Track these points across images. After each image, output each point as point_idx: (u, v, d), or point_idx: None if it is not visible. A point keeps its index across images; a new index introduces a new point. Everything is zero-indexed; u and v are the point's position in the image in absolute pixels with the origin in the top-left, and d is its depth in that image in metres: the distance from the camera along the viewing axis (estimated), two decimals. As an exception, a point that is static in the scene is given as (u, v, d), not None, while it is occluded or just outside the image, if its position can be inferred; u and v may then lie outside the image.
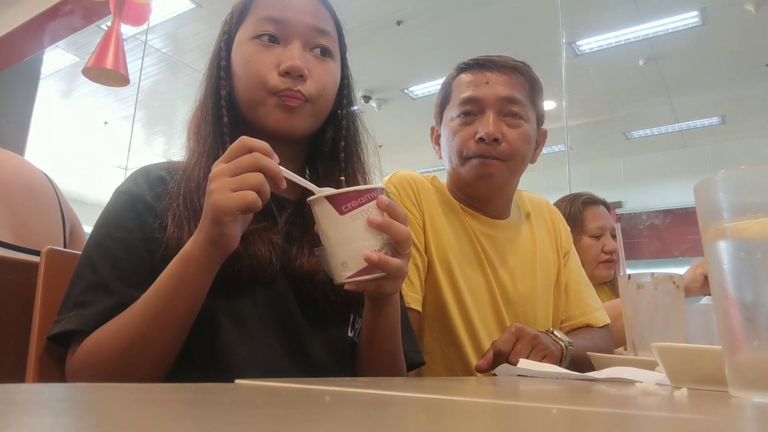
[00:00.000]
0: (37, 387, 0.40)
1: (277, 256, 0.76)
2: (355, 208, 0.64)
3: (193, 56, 5.69)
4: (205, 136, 0.80)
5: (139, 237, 0.73)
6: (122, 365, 0.67)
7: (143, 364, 0.67)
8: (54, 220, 0.98)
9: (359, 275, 0.65)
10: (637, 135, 7.21)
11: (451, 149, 1.17)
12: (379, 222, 0.65)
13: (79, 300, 0.70)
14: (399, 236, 0.66)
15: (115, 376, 0.67)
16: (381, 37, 5.10)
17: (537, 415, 0.34)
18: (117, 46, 3.02)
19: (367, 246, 0.64)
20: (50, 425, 0.21)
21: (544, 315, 1.23)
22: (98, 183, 8.71)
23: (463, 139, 1.14)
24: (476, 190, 1.18)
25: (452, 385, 0.61)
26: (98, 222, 0.77)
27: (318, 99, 0.81)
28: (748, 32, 4.87)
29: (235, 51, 0.83)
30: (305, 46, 0.81)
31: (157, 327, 0.66)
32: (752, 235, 0.43)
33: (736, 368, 0.44)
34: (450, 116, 1.19)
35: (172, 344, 0.68)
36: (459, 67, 1.22)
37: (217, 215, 0.62)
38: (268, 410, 0.31)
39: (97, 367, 0.67)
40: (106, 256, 0.72)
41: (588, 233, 1.87)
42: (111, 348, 0.67)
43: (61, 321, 0.70)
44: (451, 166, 1.20)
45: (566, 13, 4.47)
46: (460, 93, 1.17)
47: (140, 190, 0.78)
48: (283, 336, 0.76)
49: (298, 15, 0.81)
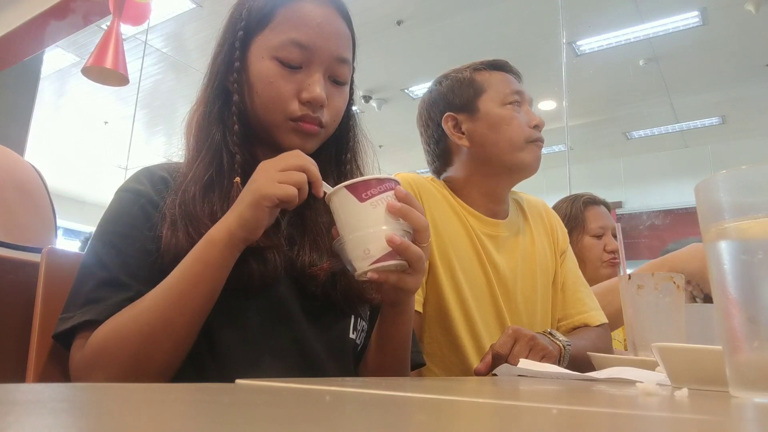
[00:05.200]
0: (37, 387, 0.40)
1: (282, 260, 0.76)
2: (375, 195, 0.65)
3: (193, 56, 5.69)
4: (209, 141, 0.79)
5: (147, 234, 0.73)
6: (142, 351, 0.66)
7: (163, 351, 0.67)
8: (46, 215, 0.97)
9: (382, 261, 0.64)
10: (637, 135, 7.21)
11: (508, 136, 1.20)
12: (399, 207, 0.65)
13: (90, 296, 0.70)
14: (418, 224, 0.67)
15: (133, 365, 0.66)
16: (381, 37, 5.10)
17: (537, 415, 0.34)
18: (116, 45, 3.02)
19: (389, 230, 0.65)
20: (50, 425, 0.21)
21: (543, 315, 1.23)
22: (98, 183, 8.72)
23: (518, 127, 1.21)
24: (527, 173, 1.24)
25: (452, 385, 0.61)
26: (103, 220, 0.76)
27: (331, 125, 0.82)
28: (748, 32, 4.88)
29: (253, 59, 0.79)
30: (325, 73, 0.80)
31: (179, 310, 0.66)
32: (753, 236, 0.43)
33: (736, 368, 0.44)
34: (493, 107, 1.22)
35: (192, 330, 0.68)
36: (486, 63, 1.27)
37: (258, 199, 0.66)
38: (268, 410, 0.31)
39: (116, 355, 0.66)
40: (115, 252, 0.72)
41: (590, 233, 1.88)
42: (131, 333, 0.66)
43: (73, 316, 0.69)
44: (500, 152, 1.20)
45: (566, 13, 4.48)
46: (505, 87, 1.24)
47: (145, 188, 0.77)
48: (283, 337, 0.76)
49: (324, 42, 0.78)
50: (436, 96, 1.29)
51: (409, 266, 0.67)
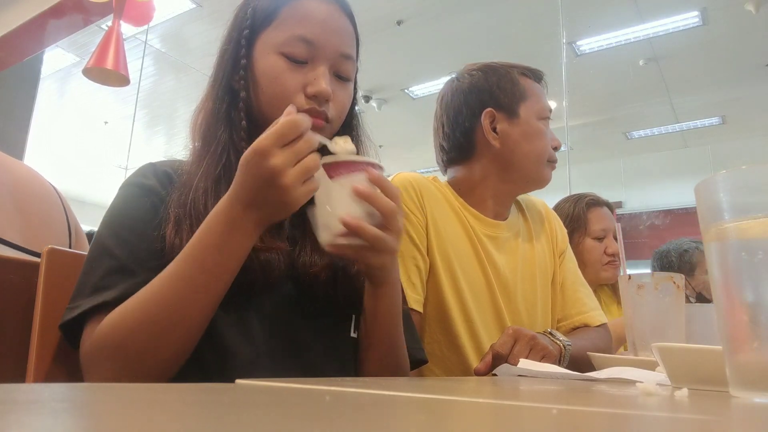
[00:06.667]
0: (37, 387, 0.40)
1: (285, 261, 0.76)
2: (343, 175, 0.68)
3: (193, 56, 5.69)
4: (216, 140, 0.79)
5: (154, 227, 0.73)
6: (152, 338, 0.64)
7: (172, 339, 0.66)
8: (60, 230, 0.99)
9: (339, 237, 0.68)
10: (637, 135, 7.21)
11: (539, 151, 1.21)
12: (362, 190, 0.67)
13: (98, 285, 0.68)
14: (384, 209, 0.68)
15: (140, 355, 0.65)
16: (381, 37, 5.10)
17: (537, 415, 0.34)
18: (117, 46, 3.03)
19: (349, 212, 0.67)
20: (50, 425, 0.21)
21: (543, 315, 1.23)
22: (98, 183, 8.72)
23: (547, 145, 1.23)
24: (539, 188, 1.26)
25: (452, 385, 0.61)
26: (108, 214, 0.75)
27: (336, 120, 0.82)
28: (748, 32, 4.88)
29: (259, 56, 0.80)
30: (331, 69, 0.80)
31: (196, 292, 0.65)
32: (753, 236, 0.43)
33: (736, 368, 0.44)
34: (532, 117, 1.22)
35: (204, 319, 0.67)
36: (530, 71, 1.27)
37: (287, 212, 0.67)
38: (268, 410, 0.31)
39: (122, 344, 0.65)
40: (122, 242, 0.71)
41: (591, 235, 1.86)
42: (139, 318, 0.65)
43: (80, 305, 0.68)
44: (528, 163, 1.21)
45: (566, 13, 4.48)
46: (544, 102, 1.25)
47: (150, 182, 0.77)
48: (284, 336, 0.76)
49: (329, 37, 0.79)
50: (480, 85, 1.23)
51: (370, 246, 0.68)
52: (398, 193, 0.71)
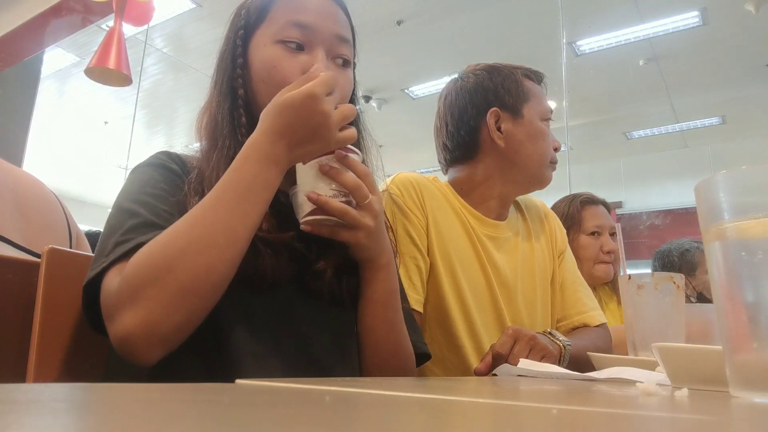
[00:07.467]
0: (37, 387, 0.40)
1: (291, 258, 0.76)
2: (313, 158, 0.73)
3: (193, 56, 5.69)
4: (222, 138, 0.79)
5: (173, 195, 0.73)
6: (208, 258, 0.63)
7: (226, 257, 0.64)
8: (61, 234, 1.00)
9: (311, 215, 0.72)
10: (637, 135, 7.21)
11: (542, 151, 1.22)
12: (327, 169, 0.72)
13: (120, 240, 0.66)
14: (347, 183, 0.72)
15: (193, 279, 0.62)
16: (381, 37, 5.10)
17: (537, 415, 0.34)
18: (119, 45, 3.02)
19: (314, 189, 0.72)
20: (50, 425, 0.21)
21: (543, 315, 1.23)
22: (98, 183, 8.72)
23: (549, 146, 1.23)
24: (540, 189, 1.27)
25: (452, 385, 0.61)
26: (125, 188, 0.75)
27: None
28: (748, 32, 4.88)
29: (256, 50, 0.81)
30: (328, 53, 0.81)
31: (242, 216, 0.66)
32: (753, 236, 0.43)
33: (736, 368, 0.44)
34: (535, 118, 1.22)
35: (246, 244, 0.67)
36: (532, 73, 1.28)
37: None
38: (268, 410, 0.31)
39: (171, 267, 0.62)
40: (144, 203, 0.71)
41: (585, 231, 1.87)
42: (188, 239, 0.63)
43: (103, 262, 0.65)
44: (531, 164, 1.21)
45: (566, 13, 4.48)
46: (545, 103, 1.26)
47: (165, 162, 0.78)
48: (289, 333, 0.76)
49: (323, 21, 0.81)
50: (485, 84, 1.23)
51: (342, 221, 0.72)
52: (367, 172, 0.74)
